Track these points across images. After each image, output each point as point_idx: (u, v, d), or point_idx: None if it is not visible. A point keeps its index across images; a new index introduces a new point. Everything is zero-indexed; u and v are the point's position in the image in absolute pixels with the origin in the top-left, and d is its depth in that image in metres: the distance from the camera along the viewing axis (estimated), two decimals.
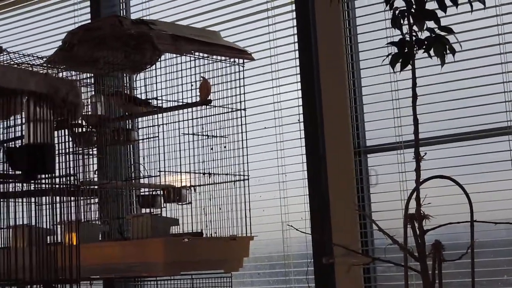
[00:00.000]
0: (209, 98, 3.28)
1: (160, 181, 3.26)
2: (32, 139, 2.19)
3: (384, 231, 2.55)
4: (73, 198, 2.33)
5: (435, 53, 2.54)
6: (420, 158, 2.52)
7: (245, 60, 3.40)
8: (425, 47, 2.56)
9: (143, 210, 3.35)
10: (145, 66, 3.44)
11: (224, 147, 3.35)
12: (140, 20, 3.24)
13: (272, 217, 3.86)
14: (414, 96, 2.55)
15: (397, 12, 2.57)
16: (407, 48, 2.57)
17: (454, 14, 2.78)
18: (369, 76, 3.69)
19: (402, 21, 2.57)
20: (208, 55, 3.31)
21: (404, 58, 2.56)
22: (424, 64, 2.91)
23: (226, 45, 3.38)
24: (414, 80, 2.55)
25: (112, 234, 3.42)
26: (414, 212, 2.49)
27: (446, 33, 2.57)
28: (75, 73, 3.58)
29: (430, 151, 3.03)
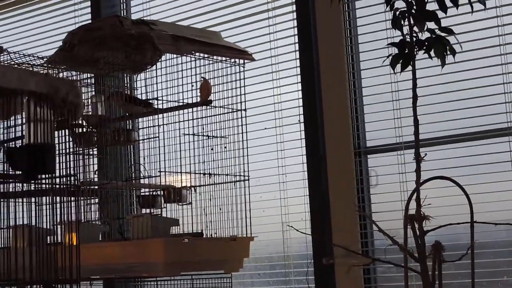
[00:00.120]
0: (209, 98, 3.28)
1: (161, 181, 3.26)
2: (33, 139, 2.19)
3: (384, 232, 2.55)
4: (73, 198, 2.33)
5: (435, 54, 2.54)
6: (420, 159, 2.52)
7: (246, 61, 3.40)
8: (425, 48, 2.56)
9: (143, 210, 3.35)
10: (145, 66, 3.44)
11: (224, 147, 3.35)
12: (141, 21, 3.24)
13: (272, 218, 3.85)
14: (415, 97, 2.55)
15: (397, 13, 2.57)
16: (407, 49, 2.57)
17: (454, 15, 2.78)
18: (370, 77, 3.68)
19: (402, 22, 2.57)
20: (208, 55, 3.31)
21: (404, 59, 2.56)
22: (424, 65, 2.91)
23: (226, 45, 3.38)
24: (414, 81, 2.55)
25: (112, 234, 3.42)
26: (414, 213, 2.49)
27: (447, 34, 2.57)
28: (76, 73, 3.58)
29: (430, 152, 3.03)
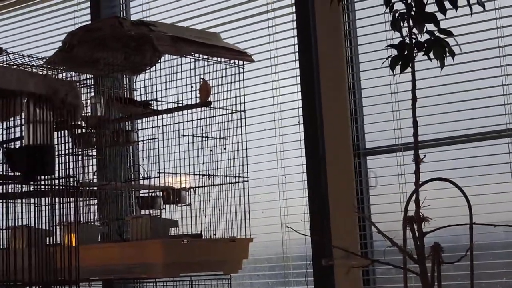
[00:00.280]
0: (209, 99, 3.28)
1: (160, 182, 3.26)
2: (32, 141, 2.19)
3: (383, 233, 2.55)
4: (72, 199, 2.33)
5: (434, 56, 2.54)
6: (419, 161, 2.52)
7: (245, 62, 3.40)
8: (424, 49, 2.56)
9: (143, 211, 3.35)
10: (145, 67, 3.44)
11: (224, 148, 3.35)
12: (140, 22, 3.24)
13: (271, 219, 3.85)
14: (414, 99, 2.55)
15: (397, 14, 2.57)
16: (406, 51, 2.57)
17: (453, 16, 2.77)
18: (369, 78, 3.68)
19: (402, 24, 2.57)
20: (208, 56, 3.31)
21: (403, 61, 2.57)
22: (423, 67, 2.91)
23: (226, 46, 3.38)
24: (413, 82, 2.55)
25: (112, 235, 3.42)
26: (414, 214, 2.49)
27: (446, 36, 2.58)
28: (75, 74, 3.58)
29: (430, 153, 3.03)
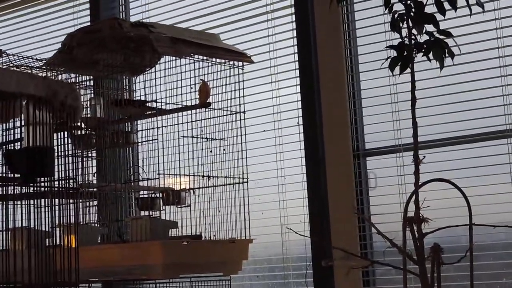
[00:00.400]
0: (208, 100, 3.28)
1: (159, 183, 3.26)
2: (32, 142, 2.19)
3: (383, 234, 2.55)
4: (72, 201, 2.33)
5: (434, 57, 2.54)
6: (419, 161, 2.52)
7: (245, 63, 3.40)
8: (424, 50, 2.56)
9: (142, 212, 3.35)
10: (144, 68, 3.44)
11: (223, 149, 3.35)
12: (140, 23, 3.24)
13: (271, 220, 3.85)
14: (413, 99, 2.55)
15: (396, 15, 2.58)
16: (406, 52, 2.57)
17: (453, 17, 2.78)
18: (368, 79, 3.69)
19: (401, 25, 2.57)
20: (207, 57, 3.31)
21: (403, 62, 2.57)
22: (423, 68, 2.91)
23: (225, 48, 3.38)
24: (413, 83, 2.55)
25: (111, 236, 3.42)
26: (413, 215, 2.49)
27: (445, 37, 2.58)
28: (75, 75, 3.58)
29: (429, 154, 3.04)
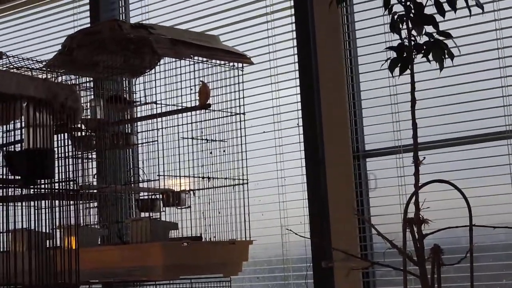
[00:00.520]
0: (208, 102, 3.28)
1: (159, 185, 3.26)
2: (32, 144, 2.19)
3: (383, 235, 2.55)
4: (72, 202, 2.33)
5: (433, 58, 2.55)
6: (419, 162, 2.52)
7: (244, 64, 3.40)
8: (423, 51, 2.56)
9: (142, 214, 3.35)
10: (144, 70, 3.44)
11: (223, 151, 3.35)
12: (140, 24, 3.24)
13: (271, 221, 3.85)
14: (413, 101, 2.55)
15: (396, 16, 2.58)
16: (405, 53, 2.57)
17: (452, 18, 2.78)
18: (368, 81, 3.69)
19: (400, 26, 2.57)
20: (207, 59, 3.31)
21: (402, 63, 2.57)
22: (422, 69, 2.91)
23: (225, 49, 3.38)
24: (413, 84, 2.56)
25: (111, 238, 3.42)
26: (413, 216, 2.49)
27: (445, 38, 2.58)
28: (75, 77, 3.58)
29: (429, 155, 3.04)
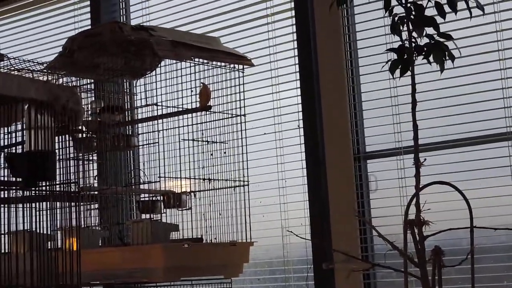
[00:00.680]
0: (209, 104, 3.28)
1: (160, 186, 3.26)
2: (33, 146, 2.19)
3: (384, 237, 2.55)
4: (73, 204, 2.33)
5: (434, 60, 2.55)
6: (419, 164, 2.52)
7: (245, 66, 3.41)
8: (424, 53, 2.56)
9: (143, 215, 3.35)
10: (145, 72, 3.44)
11: (224, 152, 3.35)
12: (140, 26, 3.24)
13: (272, 223, 3.85)
14: (414, 102, 2.55)
15: (396, 18, 2.58)
16: (406, 55, 2.57)
17: (453, 20, 2.78)
18: (369, 82, 3.69)
19: (401, 28, 2.58)
20: (208, 61, 3.32)
21: (403, 65, 2.57)
22: (423, 70, 2.91)
23: (226, 51, 3.38)
24: (413, 86, 2.55)
25: (112, 239, 3.42)
26: (414, 218, 2.49)
27: (445, 40, 2.58)
28: (75, 78, 3.59)
29: (430, 156, 3.04)
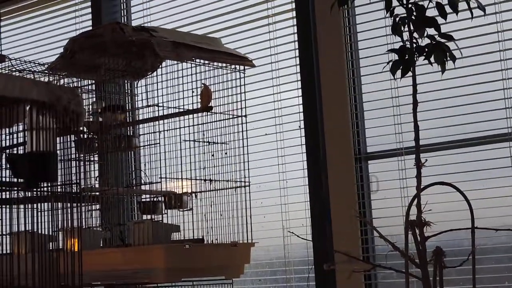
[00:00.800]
0: (210, 104, 3.28)
1: (161, 187, 3.26)
2: (35, 147, 2.19)
3: (385, 238, 2.55)
4: (74, 205, 2.33)
5: (435, 60, 2.55)
6: (420, 165, 2.52)
7: (246, 67, 3.41)
8: (425, 54, 2.56)
9: (144, 216, 3.35)
10: (146, 73, 3.44)
11: (225, 153, 3.35)
12: (141, 27, 3.24)
13: (273, 224, 3.86)
14: (415, 103, 2.55)
15: (397, 19, 2.58)
16: (407, 55, 2.57)
17: (454, 21, 2.78)
18: (370, 83, 3.69)
19: (402, 28, 2.58)
20: (209, 61, 3.32)
21: (404, 65, 2.57)
22: (424, 71, 2.92)
23: (227, 51, 3.38)
24: (414, 86, 2.56)
25: (114, 240, 3.42)
26: (415, 218, 2.50)
27: (446, 40, 2.58)
28: (77, 79, 3.59)
29: (431, 157, 3.03)
